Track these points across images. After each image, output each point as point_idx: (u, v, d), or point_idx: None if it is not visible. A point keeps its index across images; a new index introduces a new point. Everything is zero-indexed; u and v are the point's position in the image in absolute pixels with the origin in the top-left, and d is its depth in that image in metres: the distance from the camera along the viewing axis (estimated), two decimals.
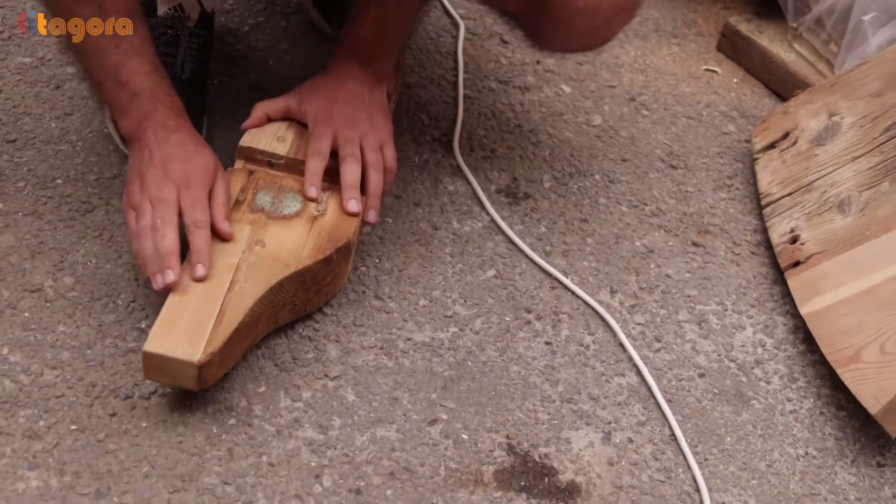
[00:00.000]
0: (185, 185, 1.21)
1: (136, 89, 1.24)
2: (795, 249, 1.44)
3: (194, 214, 1.19)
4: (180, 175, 1.21)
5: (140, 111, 1.24)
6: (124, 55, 1.23)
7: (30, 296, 1.26)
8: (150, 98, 1.24)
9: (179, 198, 1.20)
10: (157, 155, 1.23)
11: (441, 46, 1.71)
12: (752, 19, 1.84)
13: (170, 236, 1.17)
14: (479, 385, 1.27)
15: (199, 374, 1.12)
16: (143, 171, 1.22)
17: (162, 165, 1.22)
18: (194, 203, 1.20)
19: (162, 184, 1.20)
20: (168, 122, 1.25)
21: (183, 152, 1.23)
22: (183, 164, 1.22)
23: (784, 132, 1.58)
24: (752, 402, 1.31)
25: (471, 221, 1.45)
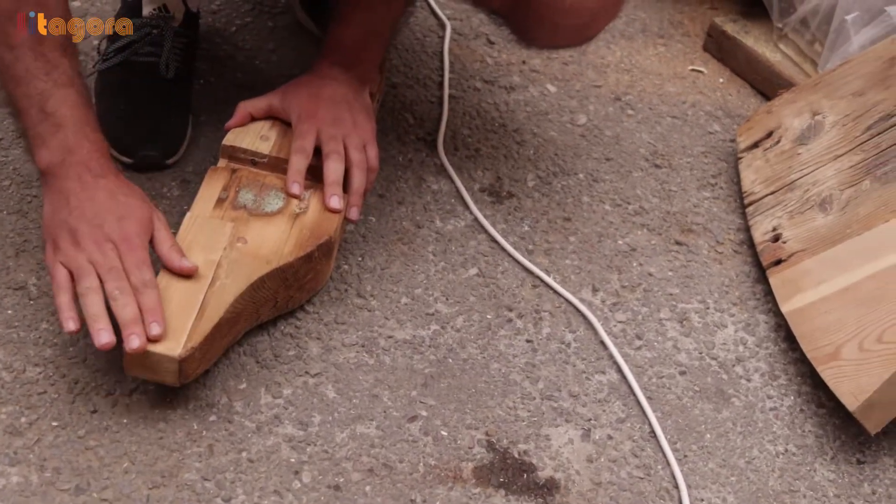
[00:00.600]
0: (126, 247, 1.15)
1: (61, 121, 1.18)
2: (777, 248, 1.44)
3: (142, 276, 1.14)
4: (118, 235, 1.15)
5: (63, 146, 1.18)
6: (53, 84, 1.17)
7: (13, 293, 1.27)
8: (75, 132, 1.18)
9: (121, 259, 1.14)
10: (87, 207, 1.16)
11: (427, 46, 1.72)
12: (738, 20, 1.85)
13: (132, 304, 1.12)
14: (459, 382, 1.27)
15: (179, 369, 1.13)
16: (74, 226, 1.15)
17: (96, 222, 1.15)
18: (139, 265, 1.14)
19: (102, 244, 1.14)
20: (92, 164, 1.18)
21: (115, 206, 1.17)
22: (118, 221, 1.16)
23: (768, 131, 1.59)
24: (732, 399, 1.32)
25: (454, 220, 1.46)
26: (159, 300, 1.14)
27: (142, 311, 1.12)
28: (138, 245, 1.16)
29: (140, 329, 1.11)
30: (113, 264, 1.14)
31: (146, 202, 1.21)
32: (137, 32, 1.47)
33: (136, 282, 1.13)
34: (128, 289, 1.13)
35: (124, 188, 1.20)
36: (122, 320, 1.11)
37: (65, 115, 1.18)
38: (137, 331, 1.11)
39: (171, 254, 1.18)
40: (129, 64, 1.47)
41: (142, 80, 1.46)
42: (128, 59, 1.47)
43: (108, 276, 1.13)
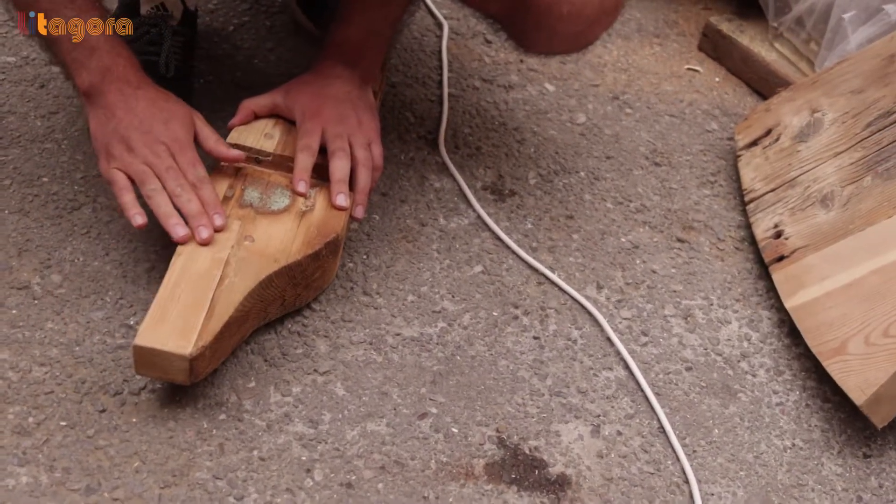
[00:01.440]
0: (177, 147, 1.23)
1: (94, 44, 1.24)
2: (780, 244, 1.45)
3: (196, 173, 1.23)
4: (167, 137, 1.23)
5: (100, 65, 1.24)
6: (78, 11, 1.23)
7: (17, 293, 1.26)
8: (109, 52, 1.24)
9: (174, 159, 1.23)
10: (133, 116, 1.23)
11: (425, 46, 1.72)
12: (733, 19, 1.86)
13: (195, 199, 1.21)
14: (468, 379, 1.27)
15: (190, 368, 1.12)
16: (126, 135, 1.23)
17: (145, 128, 1.23)
18: (192, 162, 1.23)
19: (155, 147, 1.22)
20: (130, 77, 1.25)
21: (159, 111, 1.25)
22: (165, 124, 1.24)
23: (766, 129, 1.59)
24: (738, 394, 1.32)
25: (457, 218, 1.46)
26: (216, 193, 1.24)
27: (203, 203, 1.22)
28: (187, 145, 1.25)
29: (206, 220, 1.21)
30: (169, 164, 1.22)
31: (185, 104, 1.28)
32: (136, 31, 1.46)
33: (192, 178, 1.23)
34: (187, 185, 1.22)
35: (163, 95, 1.27)
36: (188, 213, 1.21)
37: (96, 40, 1.23)
38: (204, 222, 1.21)
39: (217, 147, 1.28)
40: None
41: None
42: None
43: (166, 175, 1.22)
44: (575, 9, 1.31)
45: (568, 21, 1.32)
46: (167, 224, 1.21)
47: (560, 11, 1.31)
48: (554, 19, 1.32)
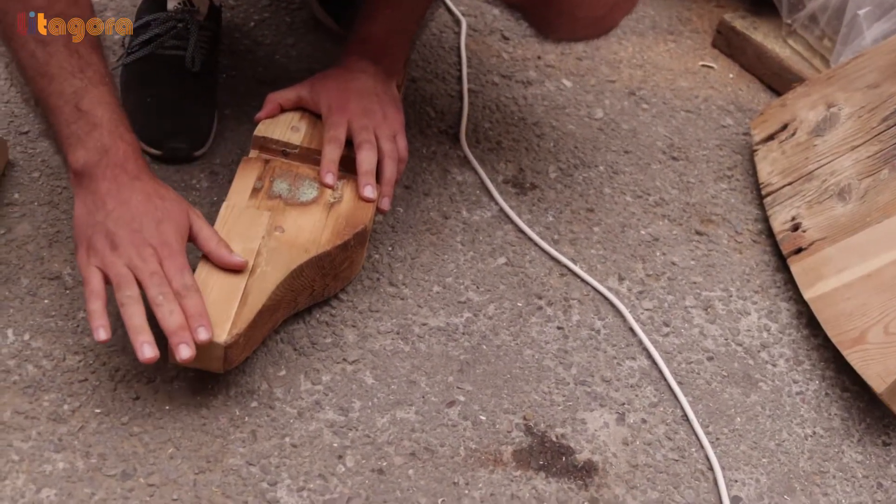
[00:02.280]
0: (166, 252, 1.14)
1: (96, 120, 1.16)
2: (797, 237, 1.47)
3: (184, 280, 1.12)
4: (157, 240, 1.14)
5: (99, 146, 1.16)
6: (88, 82, 1.16)
7: (49, 283, 1.27)
8: (110, 132, 1.16)
9: (161, 265, 1.13)
10: (124, 211, 1.14)
11: (444, 42, 1.73)
12: (747, 16, 1.88)
13: (177, 311, 1.11)
14: (494, 368, 1.29)
15: (225, 356, 1.13)
16: (112, 230, 1.13)
17: (134, 226, 1.14)
18: (180, 269, 1.13)
19: (142, 249, 1.13)
20: (128, 165, 1.17)
21: (152, 209, 1.15)
22: (157, 225, 1.14)
23: (783, 124, 1.61)
24: (759, 384, 1.34)
25: (480, 211, 1.47)
26: (203, 304, 1.12)
27: (187, 315, 1.11)
28: (177, 250, 1.14)
29: (188, 336, 1.10)
30: (154, 269, 1.12)
31: (182, 202, 1.19)
32: (163, 26, 1.48)
33: (178, 286, 1.12)
34: (171, 294, 1.11)
35: (160, 190, 1.19)
36: (168, 328, 1.10)
37: (100, 115, 1.16)
38: (186, 338, 1.10)
39: (219, 250, 1.18)
40: (155, 57, 1.48)
41: (168, 73, 1.47)
42: (153, 53, 1.48)
43: (150, 281, 1.11)
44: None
45: (589, 5, 1.33)
46: (135, 340, 1.09)
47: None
48: (575, 5, 1.33)
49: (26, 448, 1.12)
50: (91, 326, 1.10)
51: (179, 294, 1.12)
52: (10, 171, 1.39)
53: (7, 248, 1.30)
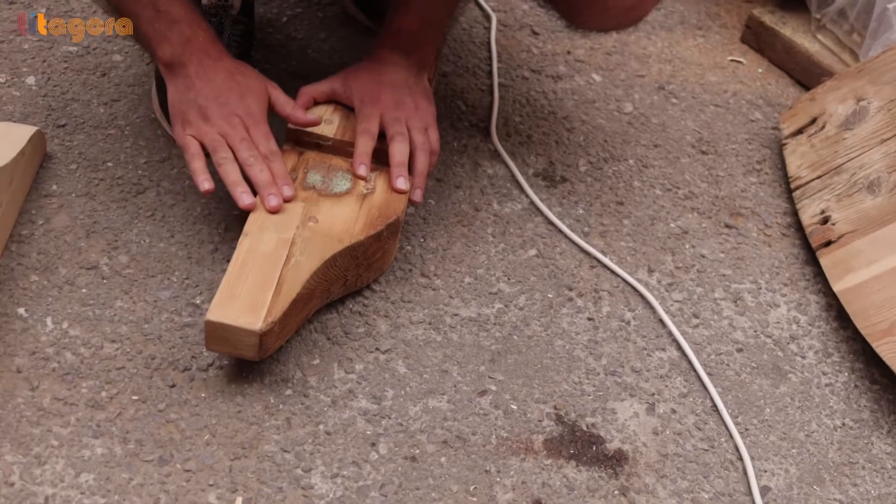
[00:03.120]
0: (251, 121, 1.28)
1: (175, 16, 1.27)
2: (827, 229, 1.47)
3: (269, 146, 1.28)
4: (242, 110, 1.28)
5: (181, 37, 1.27)
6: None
7: (86, 273, 1.29)
8: (189, 24, 1.28)
9: (248, 132, 1.27)
10: (211, 88, 1.27)
11: (474, 37, 1.75)
12: (776, 11, 1.88)
13: (266, 170, 1.26)
14: (525, 358, 1.30)
15: (259, 343, 1.15)
16: (203, 104, 1.27)
17: (222, 100, 1.27)
18: (265, 136, 1.28)
19: (230, 118, 1.27)
20: (209, 49, 1.29)
21: (236, 84, 1.29)
22: (240, 97, 1.28)
23: (812, 118, 1.62)
24: (788, 375, 1.35)
25: (510, 203, 1.49)
26: (286, 167, 1.29)
27: (273, 175, 1.27)
28: (261, 119, 1.29)
29: (276, 189, 1.26)
30: (243, 135, 1.27)
31: (260, 78, 1.32)
32: None
33: (264, 151, 1.28)
34: (259, 156, 1.27)
35: (241, 67, 1.31)
36: (259, 182, 1.26)
37: (177, 11, 1.27)
38: (274, 191, 1.26)
39: (295, 112, 1.33)
40: None
41: None
42: None
43: (240, 145, 1.26)
44: None
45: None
46: (234, 192, 1.25)
47: None
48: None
49: (65, 433, 1.14)
50: (195, 181, 1.25)
51: (266, 157, 1.28)
52: (49, 164, 1.41)
53: (45, 239, 1.32)
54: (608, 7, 1.36)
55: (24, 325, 1.23)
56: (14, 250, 1.30)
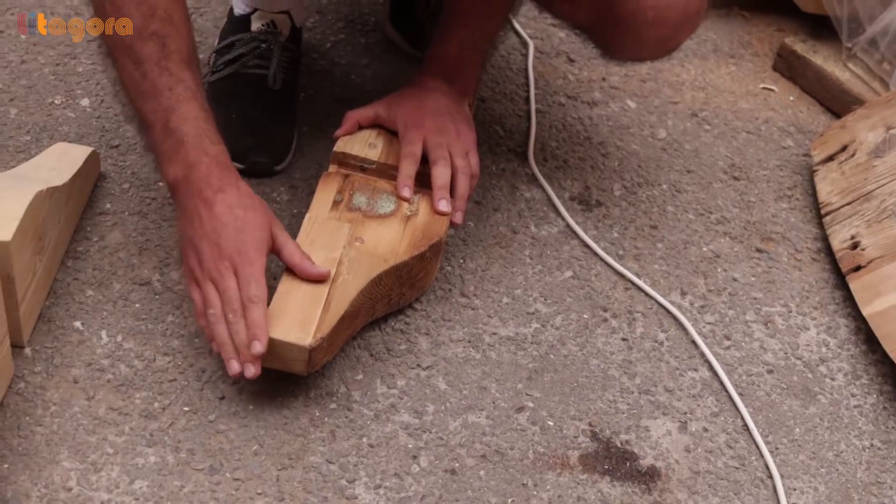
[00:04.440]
0: (240, 262, 1.19)
1: (182, 137, 1.22)
2: (856, 255, 1.51)
3: (249, 291, 1.18)
4: (233, 249, 1.20)
5: (185, 163, 1.22)
6: (176, 99, 1.22)
7: (139, 289, 1.35)
8: (195, 148, 1.22)
9: (236, 274, 1.19)
10: (207, 223, 1.21)
11: (512, 64, 1.80)
12: (807, 40, 1.92)
13: (242, 330, 1.18)
14: (561, 377, 1.34)
15: (308, 358, 1.20)
16: (197, 243, 1.21)
17: (214, 238, 1.20)
18: (250, 279, 1.19)
19: (219, 262, 1.20)
20: (212, 178, 1.22)
21: (233, 219, 1.21)
22: (235, 234, 1.20)
23: (842, 145, 1.66)
24: (818, 396, 1.38)
25: (547, 226, 1.53)
26: (264, 315, 1.18)
27: (247, 325, 1.18)
28: (254, 258, 1.20)
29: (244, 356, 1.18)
30: (228, 286, 1.19)
31: (265, 214, 1.24)
32: (247, 46, 1.55)
33: (246, 296, 1.18)
34: (240, 311, 1.18)
35: (245, 200, 1.23)
36: (237, 344, 1.18)
37: (186, 132, 1.22)
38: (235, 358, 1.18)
39: (303, 263, 1.24)
40: (239, 76, 1.55)
41: (251, 91, 1.54)
42: (237, 71, 1.55)
43: (224, 297, 1.19)
44: (660, 14, 1.36)
45: (653, 27, 1.38)
46: (222, 354, 1.19)
47: (646, 18, 1.36)
48: (640, 25, 1.37)
49: (120, 442, 1.19)
50: None
51: (244, 304, 1.18)
52: (102, 183, 1.47)
53: (100, 255, 1.38)
54: (642, 39, 1.41)
55: (80, 337, 1.28)
56: (70, 266, 1.36)
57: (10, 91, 1.58)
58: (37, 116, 1.55)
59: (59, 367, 1.25)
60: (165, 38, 1.22)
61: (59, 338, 1.28)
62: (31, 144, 1.50)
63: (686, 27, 1.42)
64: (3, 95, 1.58)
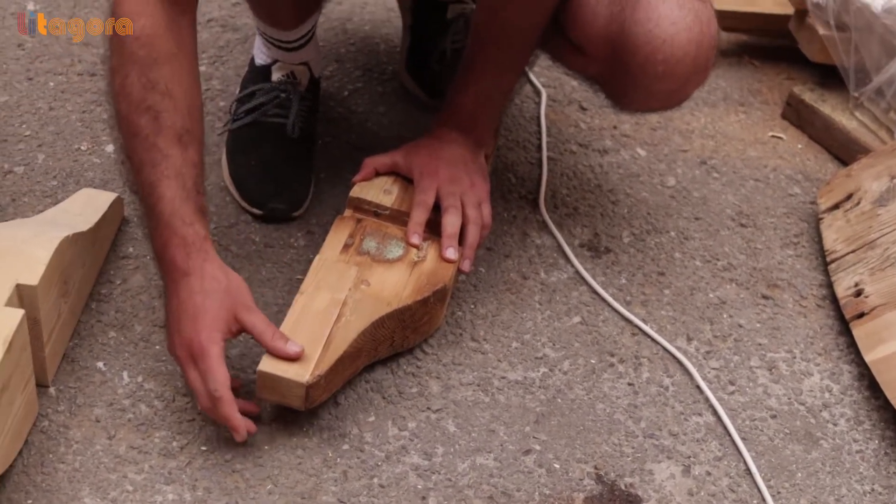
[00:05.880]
0: (196, 352, 1.21)
1: (158, 215, 1.23)
2: (860, 302, 1.54)
3: (209, 386, 1.21)
4: (190, 339, 1.22)
5: (159, 242, 1.25)
6: (158, 176, 1.23)
7: (160, 331, 1.39)
8: (168, 226, 1.23)
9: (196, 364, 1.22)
10: (172, 308, 1.24)
11: (525, 112, 1.84)
12: (815, 89, 1.96)
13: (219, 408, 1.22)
14: (568, 420, 1.38)
15: (306, 395, 1.24)
16: (168, 325, 1.26)
17: (176, 325, 1.23)
18: (205, 373, 1.21)
19: (180, 349, 1.23)
20: (178, 260, 1.23)
21: (191, 306, 1.22)
22: (191, 322, 1.22)
23: (847, 194, 1.69)
24: (820, 441, 1.41)
25: (557, 272, 1.57)
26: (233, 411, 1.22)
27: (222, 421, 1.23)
28: (208, 350, 1.21)
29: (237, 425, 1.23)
30: (190, 376, 1.23)
31: (225, 298, 1.24)
32: (267, 95, 1.61)
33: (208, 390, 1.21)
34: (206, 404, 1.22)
35: (208, 284, 1.24)
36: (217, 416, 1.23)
37: (161, 210, 1.23)
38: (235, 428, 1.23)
39: (275, 344, 1.25)
40: (259, 124, 1.60)
41: (270, 139, 1.59)
42: (257, 120, 1.60)
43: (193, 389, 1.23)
44: (669, 68, 1.40)
45: (663, 79, 1.41)
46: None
47: (655, 71, 1.40)
48: (650, 78, 1.42)
49: (140, 480, 1.23)
50: None
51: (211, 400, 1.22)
52: (126, 227, 1.52)
53: (123, 298, 1.42)
54: (651, 92, 1.45)
55: (102, 377, 1.33)
56: (94, 308, 1.40)
57: (38, 137, 1.64)
58: (63, 162, 1.61)
59: (82, 407, 1.29)
60: (160, 113, 1.23)
61: (82, 378, 1.32)
62: (58, 189, 1.56)
63: (694, 80, 1.46)
64: (31, 141, 1.63)
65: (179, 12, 1.26)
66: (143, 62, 1.23)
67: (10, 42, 1.76)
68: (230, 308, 1.24)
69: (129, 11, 1.24)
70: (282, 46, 1.60)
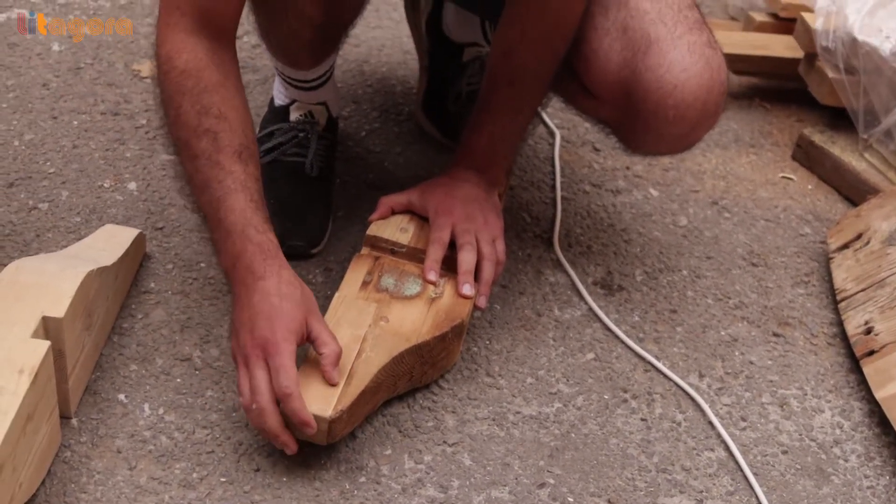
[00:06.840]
0: (269, 351, 1.24)
1: (229, 227, 1.27)
2: (870, 340, 1.56)
3: (279, 382, 1.23)
4: (264, 337, 1.24)
5: (231, 253, 1.28)
6: (225, 191, 1.27)
7: (180, 364, 1.42)
8: (240, 237, 1.27)
9: (267, 362, 1.24)
10: (246, 311, 1.26)
11: (539, 153, 1.88)
12: (825, 131, 1.99)
13: (270, 419, 1.24)
14: (582, 455, 1.40)
15: (329, 429, 1.26)
16: (238, 329, 1.27)
17: (250, 326, 1.25)
18: (277, 370, 1.23)
19: (252, 348, 1.25)
20: (255, 266, 1.27)
21: (267, 307, 1.25)
22: (268, 322, 1.25)
23: (857, 233, 1.71)
24: (831, 477, 1.43)
25: (570, 310, 1.59)
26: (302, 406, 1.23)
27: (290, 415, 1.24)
28: (282, 347, 1.24)
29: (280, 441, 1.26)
30: (256, 374, 1.24)
31: (300, 303, 1.28)
32: (286, 135, 1.64)
33: (277, 387, 1.23)
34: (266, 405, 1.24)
35: (284, 288, 1.28)
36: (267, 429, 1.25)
37: (232, 222, 1.27)
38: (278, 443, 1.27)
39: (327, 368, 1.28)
40: (278, 163, 1.64)
41: (289, 177, 1.63)
42: (276, 159, 1.64)
43: (253, 386, 1.24)
44: (680, 112, 1.43)
45: (673, 124, 1.44)
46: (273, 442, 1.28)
47: (666, 115, 1.43)
48: (660, 122, 1.45)
49: None
50: None
51: (281, 397, 1.23)
52: (147, 263, 1.55)
53: (144, 332, 1.45)
54: (662, 136, 1.48)
55: (124, 409, 1.35)
56: (116, 341, 1.43)
57: (62, 174, 1.68)
58: (87, 199, 1.64)
59: (104, 438, 1.32)
60: (218, 134, 1.28)
61: (104, 409, 1.35)
62: (82, 226, 1.59)
63: (704, 125, 1.49)
64: (56, 178, 1.67)
65: (218, 45, 1.31)
66: (193, 92, 1.28)
67: (36, 82, 1.81)
68: (304, 313, 1.28)
69: (170, 49, 1.29)
70: (300, 86, 1.64)
